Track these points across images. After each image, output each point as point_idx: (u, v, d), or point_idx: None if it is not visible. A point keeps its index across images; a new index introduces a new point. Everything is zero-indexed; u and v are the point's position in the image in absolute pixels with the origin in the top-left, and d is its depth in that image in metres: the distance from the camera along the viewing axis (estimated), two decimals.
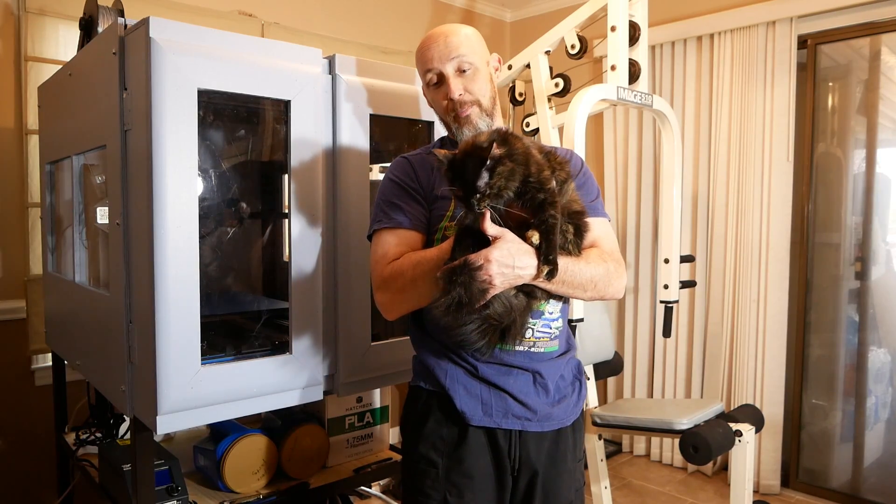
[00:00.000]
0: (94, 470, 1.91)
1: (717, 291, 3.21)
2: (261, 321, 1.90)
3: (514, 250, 1.12)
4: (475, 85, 1.37)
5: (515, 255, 1.12)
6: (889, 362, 2.96)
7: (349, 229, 1.66)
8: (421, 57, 1.40)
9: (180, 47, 1.36)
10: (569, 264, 1.20)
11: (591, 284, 1.25)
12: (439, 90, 1.39)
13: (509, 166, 1.09)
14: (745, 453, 2.25)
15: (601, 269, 1.26)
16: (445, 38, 1.36)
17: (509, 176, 1.09)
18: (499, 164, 1.08)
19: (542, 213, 1.14)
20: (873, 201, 2.96)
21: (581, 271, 1.22)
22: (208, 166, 1.88)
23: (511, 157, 1.10)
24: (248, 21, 2.94)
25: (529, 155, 1.13)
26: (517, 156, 1.10)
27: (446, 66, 1.36)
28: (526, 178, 1.11)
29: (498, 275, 1.11)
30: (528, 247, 1.14)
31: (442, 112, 1.41)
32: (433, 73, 1.38)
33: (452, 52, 1.35)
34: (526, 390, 1.31)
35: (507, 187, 1.10)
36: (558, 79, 2.54)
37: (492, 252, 1.10)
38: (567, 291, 1.24)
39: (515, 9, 4.09)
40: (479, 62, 1.38)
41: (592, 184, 1.43)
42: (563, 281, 1.20)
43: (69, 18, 2.46)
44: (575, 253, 1.22)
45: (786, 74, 2.94)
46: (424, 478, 1.33)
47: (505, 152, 1.09)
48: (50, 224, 2.13)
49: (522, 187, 1.11)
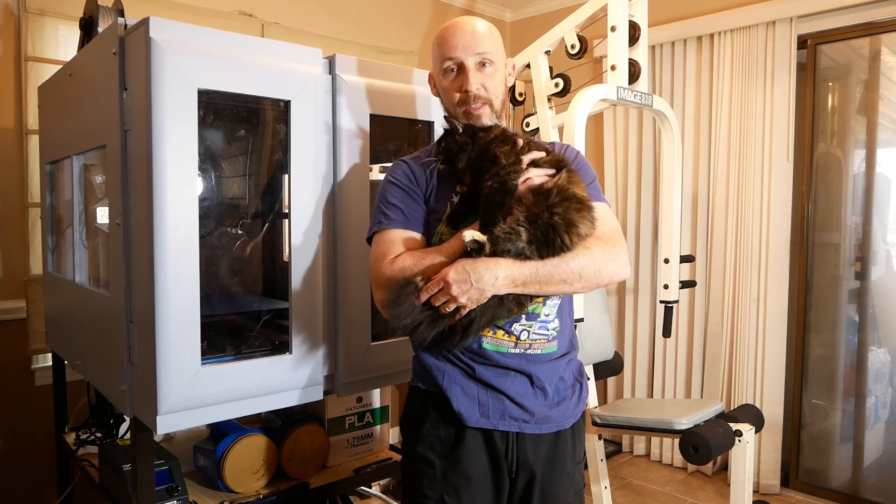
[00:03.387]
0: (94, 470, 1.91)
1: (717, 291, 3.21)
2: (261, 321, 1.90)
3: (468, 266, 1.14)
4: (492, 83, 1.36)
5: (470, 271, 1.14)
6: (889, 362, 2.96)
7: (349, 229, 1.66)
8: (443, 43, 1.37)
9: (180, 47, 1.36)
10: (540, 266, 1.17)
11: (576, 277, 1.20)
12: (455, 81, 1.36)
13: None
14: (745, 453, 2.25)
15: (584, 258, 1.20)
16: (473, 30, 1.35)
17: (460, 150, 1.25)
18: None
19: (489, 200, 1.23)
20: (873, 201, 2.96)
21: (559, 269, 1.18)
22: (208, 166, 1.88)
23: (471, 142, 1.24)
24: (248, 21, 2.95)
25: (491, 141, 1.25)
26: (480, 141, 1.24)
27: (469, 58, 1.34)
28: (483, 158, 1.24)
29: (461, 294, 1.14)
30: (489, 260, 1.15)
31: (451, 104, 1.38)
32: (454, 63, 1.35)
33: (479, 45, 1.34)
34: (523, 392, 1.31)
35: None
36: (558, 79, 2.54)
37: (448, 273, 1.14)
38: (551, 290, 1.21)
39: (515, 9, 4.09)
40: (500, 62, 1.37)
41: (588, 170, 1.41)
42: (541, 282, 1.18)
43: (69, 18, 2.46)
44: (539, 254, 1.19)
45: (786, 74, 2.94)
46: (422, 478, 1.33)
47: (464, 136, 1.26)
48: (50, 224, 2.13)
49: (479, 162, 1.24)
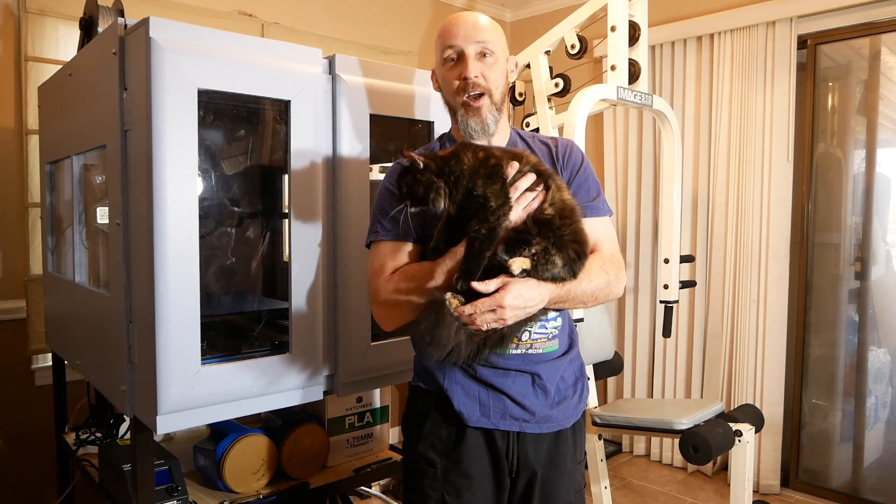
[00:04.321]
0: (94, 470, 1.91)
1: (717, 291, 3.21)
2: (261, 321, 1.90)
3: (523, 291, 1.15)
4: (492, 73, 1.35)
5: (526, 295, 1.15)
6: (889, 362, 2.96)
7: (349, 229, 1.66)
8: (444, 33, 1.37)
9: (180, 47, 1.36)
10: (572, 287, 1.22)
11: (592, 298, 1.27)
12: (455, 69, 1.35)
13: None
14: (745, 453, 2.25)
15: (602, 280, 1.27)
16: (475, 21, 1.36)
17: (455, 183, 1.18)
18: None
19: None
20: (873, 201, 2.96)
21: (583, 290, 1.24)
22: (208, 166, 1.88)
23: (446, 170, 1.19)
24: (248, 21, 2.94)
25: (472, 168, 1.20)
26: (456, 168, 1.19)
27: (469, 46, 1.34)
28: (469, 191, 1.18)
29: (511, 317, 1.15)
30: (532, 282, 1.16)
31: (451, 93, 1.37)
32: (454, 51, 1.35)
33: (479, 35, 1.34)
34: (524, 392, 1.31)
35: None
36: (558, 79, 2.54)
37: (504, 298, 1.13)
38: (566, 307, 1.28)
39: (515, 9, 4.09)
40: (501, 54, 1.37)
41: (593, 181, 1.41)
42: (566, 301, 1.23)
43: (69, 18, 2.46)
44: (573, 272, 1.23)
45: (786, 74, 2.94)
46: (423, 477, 1.33)
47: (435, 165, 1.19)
48: (50, 224, 2.13)
49: (466, 201, 1.18)
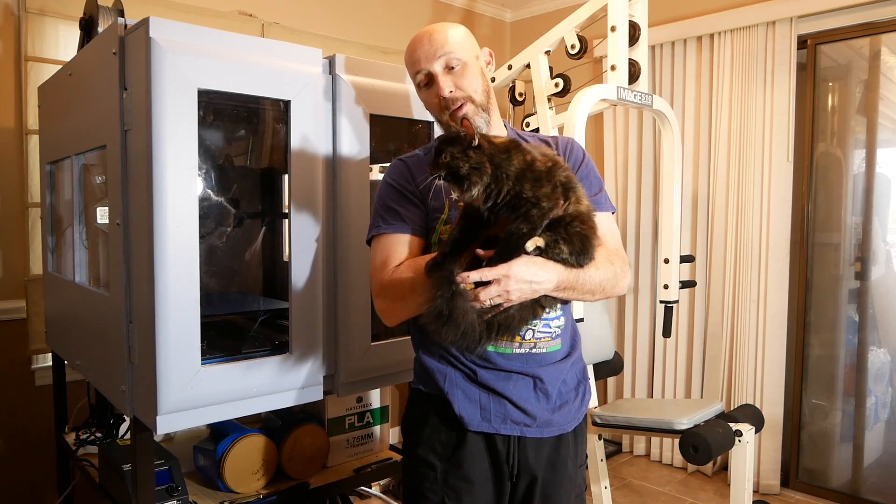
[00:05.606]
0: (94, 470, 1.91)
1: (717, 291, 3.21)
2: (260, 321, 1.90)
3: (531, 264, 1.12)
4: (465, 81, 1.33)
5: (534, 270, 1.12)
6: (889, 362, 2.96)
7: (349, 229, 1.66)
8: (409, 59, 1.37)
9: (180, 47, 1.36)
10: (580, 273, 1.20)
11: (600, 288, 1.26)
12: (431, 90, 1.36)
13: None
14: (745, 453, 2.25)
15: (609, 272, 1.26)
16: (430, 37, 1.34)
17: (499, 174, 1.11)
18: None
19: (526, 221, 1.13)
20: (873, 201, 2.96)
21: (591, 278, 1.23)
22: (208, 166, 1.88)
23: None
24: (248, 21, 2.94)
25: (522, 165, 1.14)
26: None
27: (434, 64, 1.33)
28: (519, 192, 1.11)
29: (515, 290, 1.12)
30: (542, 260, 1.14)
31: (437, 112, 1.38)
32: (422, 74, 1.35)
33: (438, 50, 1.32)
34: (526, 396, 1.30)
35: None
36: (558, 79, 2.54)
37: (512, 267, 1.10)
38: (576, 297, 1.25)
39: (515, 9, 4.09)
40: (467, 57, 1.35)
41: (595, 177, 1.41)
42: (574, 288, 1.21)
43: (69, 18, 2.45)
44: (579, 263, 1.21)
45: (786, 74, 2.94)
46: (423, 481, 1.32)
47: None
48: (50, 224, 2.13)
49: (515, 201, 1.12)
